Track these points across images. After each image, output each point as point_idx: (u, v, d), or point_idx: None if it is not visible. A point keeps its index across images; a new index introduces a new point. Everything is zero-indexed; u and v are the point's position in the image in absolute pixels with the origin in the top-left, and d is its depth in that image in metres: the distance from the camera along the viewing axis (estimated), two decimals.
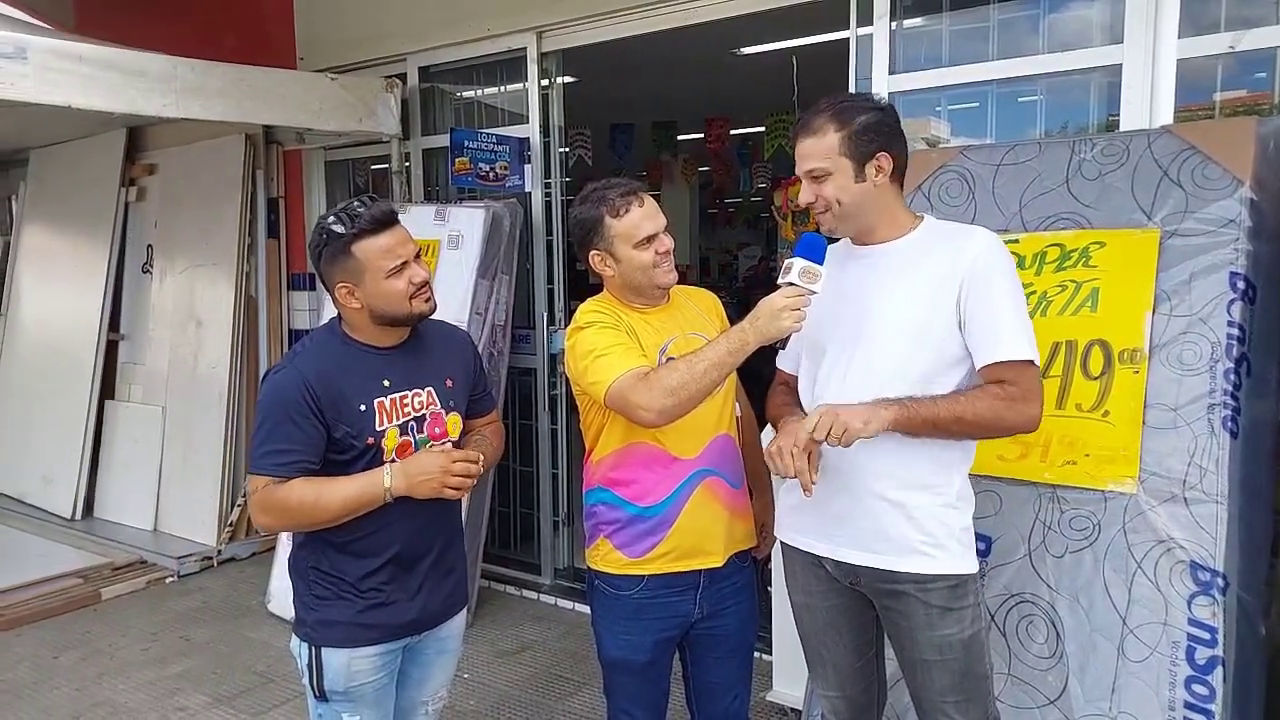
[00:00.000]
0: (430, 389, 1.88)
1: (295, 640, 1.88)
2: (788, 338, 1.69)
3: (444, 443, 1.88)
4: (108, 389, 5.31)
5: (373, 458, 1.79)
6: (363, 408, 1.78)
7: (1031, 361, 1.64)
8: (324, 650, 1.82)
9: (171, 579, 4.42)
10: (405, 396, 1.84)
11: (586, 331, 1.86)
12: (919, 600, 1.72)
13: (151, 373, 5.15)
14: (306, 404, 1.73)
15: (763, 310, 1.67)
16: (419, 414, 1.85)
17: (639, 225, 1.86)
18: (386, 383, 1.82)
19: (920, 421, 1.62)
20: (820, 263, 1.66)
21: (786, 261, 1.69)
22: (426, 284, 1.82)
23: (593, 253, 1.92)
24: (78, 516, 5.12)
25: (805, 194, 1.73)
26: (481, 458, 1.85)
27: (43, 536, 4.95)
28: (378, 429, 1.79)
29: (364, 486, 1.75)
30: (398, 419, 1.82)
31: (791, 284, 1.65)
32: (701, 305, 2.06)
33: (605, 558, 1.95)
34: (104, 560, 4.51)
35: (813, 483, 1.65)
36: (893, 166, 1.69)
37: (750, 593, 2.06)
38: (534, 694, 3.25)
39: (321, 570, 1.83)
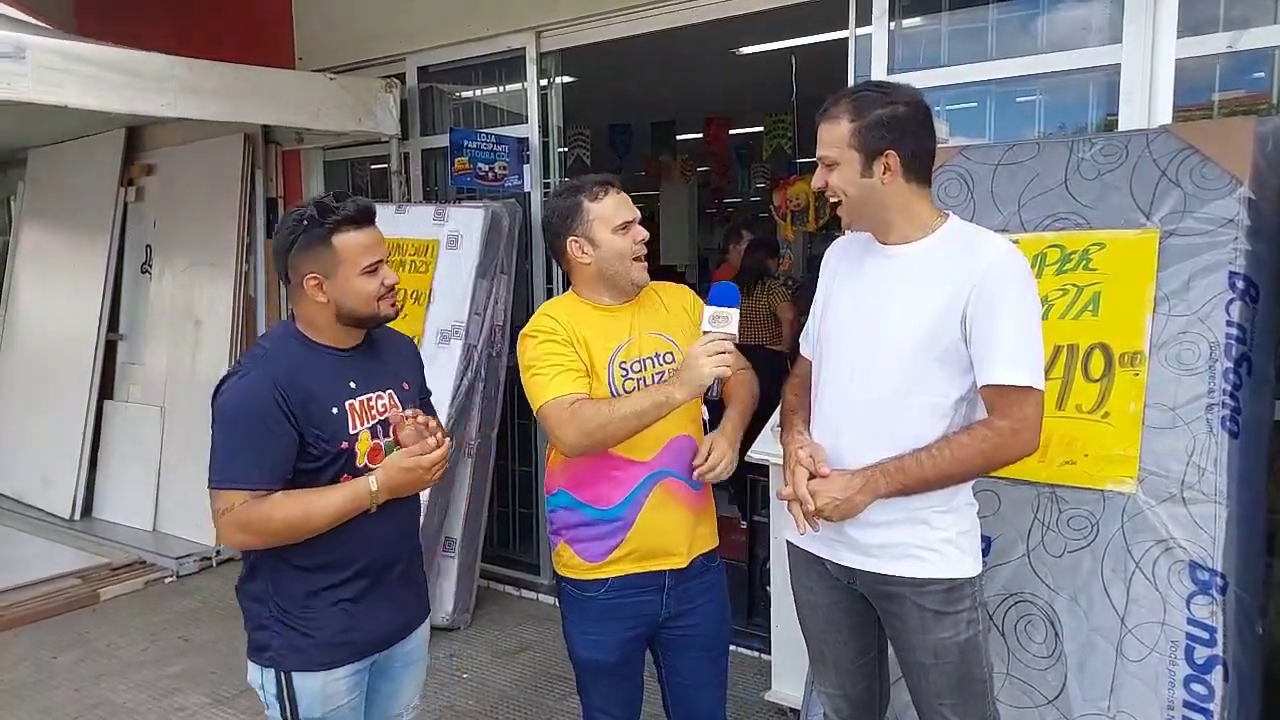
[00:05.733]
0: (391, 391, 1.82)
1: (255, 670, 1.76)
2: (719, 383, 1.74)
3: (407, 415, 1.80)
4: (106, 389, 5.31)
5: (345, 462, 1.72)
6: (335, 410, 1.71)
7: (1030, 388, 1.58)
8: (295, 675, 1.72)
9: (170, 579, 4.42)
10: (371, 399, 1.78)
11: (531, 342, 1.88)
12: (913, 603, 1.70)
13: (150, 373, 5.14)
14: (280, 409, 1.64)
15: (685, 364, 1.74)
16: (383, 417, 1.79)
17: (617, 210, 1.89)
18: (353, 385, 1.76)
19: (909, 488, 1.63)
20: (735, 305, 1.73)
21: (703, 312, 1.77)
22: (394, 288, 1.78)
23: (570, 239, 1.90)
24: (76, 516, 5.12)
25: (817, 179, 1.71)
26: (448, 439, 1.81)
27: (41, 537, 4.94)
28: (351, 432, 1.72)
29: (350, 496, 1.69)
30: (368, 421, 1.76)
31: (706, 331, 1.72)
32: (672, 302, 2.03)
33: (567, 563, 1.96)
34: (102, 560, 4.50)
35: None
36: (902, 165, 1.63)
37: (720, 592, 2.04)
38: (533, 693, 3.25)
39: (287, 592, 1.73)
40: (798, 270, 7.44)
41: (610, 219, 1.88)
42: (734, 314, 1.72)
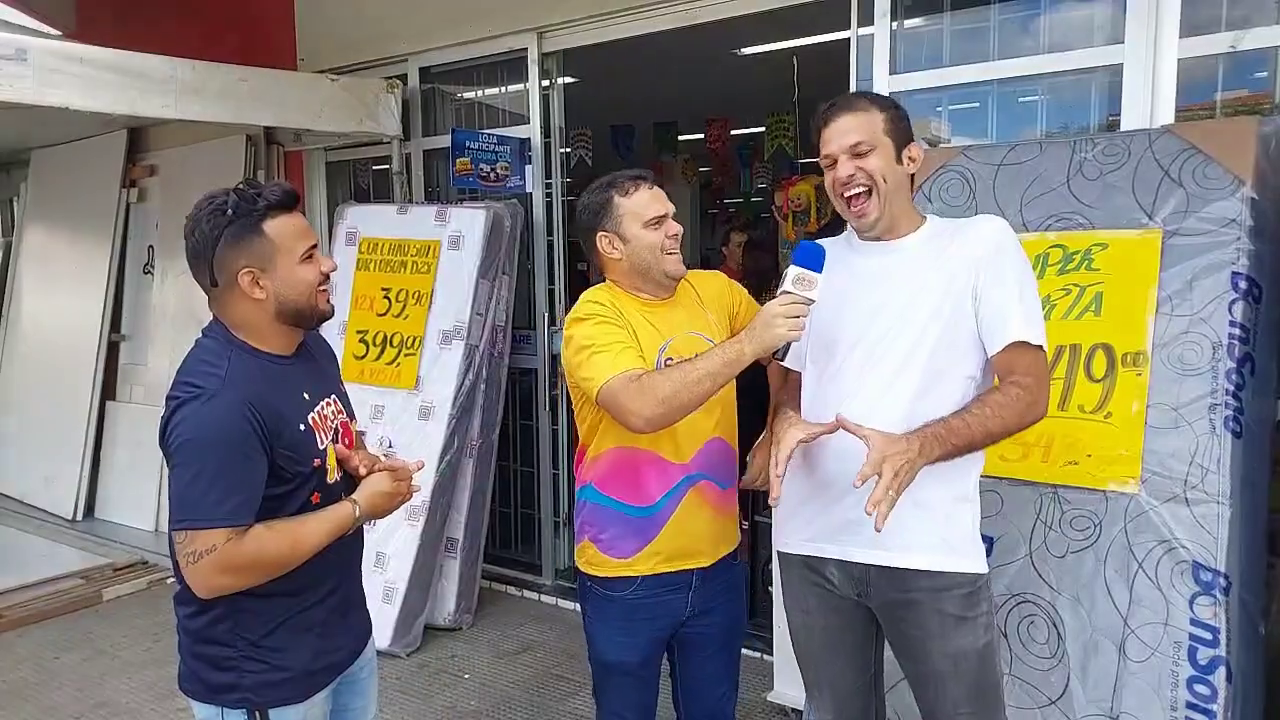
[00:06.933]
0: (334, 395, 1.71)
1: (213, 710, 1.61)
2: (788, 346, 1.66)
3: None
4: (109, 390, 5.33)
5: (318, 482, 1.60)
6: (302, 428, 1.58)
7: (1042, 347, 1.62)
8: (273, 712, 1.60)
9: (173, 579, 4.41)
10: (322, 408, 1.66)
11: (585, 324, 1.82)
12: (932, 609, 1.65)
13: (153, 373, 5.15)
14: (256, 434, 1.48)
15: (758, 320, 1.66)
16: (334, 425, 1.67)
17: (648, 204, 1.86)
18: (306, 395, 1.62)
19: (958, 449, 1.57)
20: (819, 270, 1.62)
21: (785, 270, 1.67)
22: (329, 278, 1.64)
23: (600, 235, 1.88)
24: (79, 517, 5.13)
25: (845, 168, 1.65)
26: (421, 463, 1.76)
27: (44, 537, 4.96)
28: (320, 448, 1.60)
29: (334, 523, 1.58)
30: (329, 433, 1.64)
31: (786, 292, 1.62)
32: (708, 292, 2.00)
33: (591, 560, 1.95)
34: (105, 561, 4.51)
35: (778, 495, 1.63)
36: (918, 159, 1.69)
37: (739, 593, 2.06)
38: (535, 694, 3.25)
39: (255, 626, 1.59)
40: None
41: (641, 214, 1.86)
42: (818, 279, 1.61)
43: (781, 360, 1.72)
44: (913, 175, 1.72)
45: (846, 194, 1.67)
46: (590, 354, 1.77)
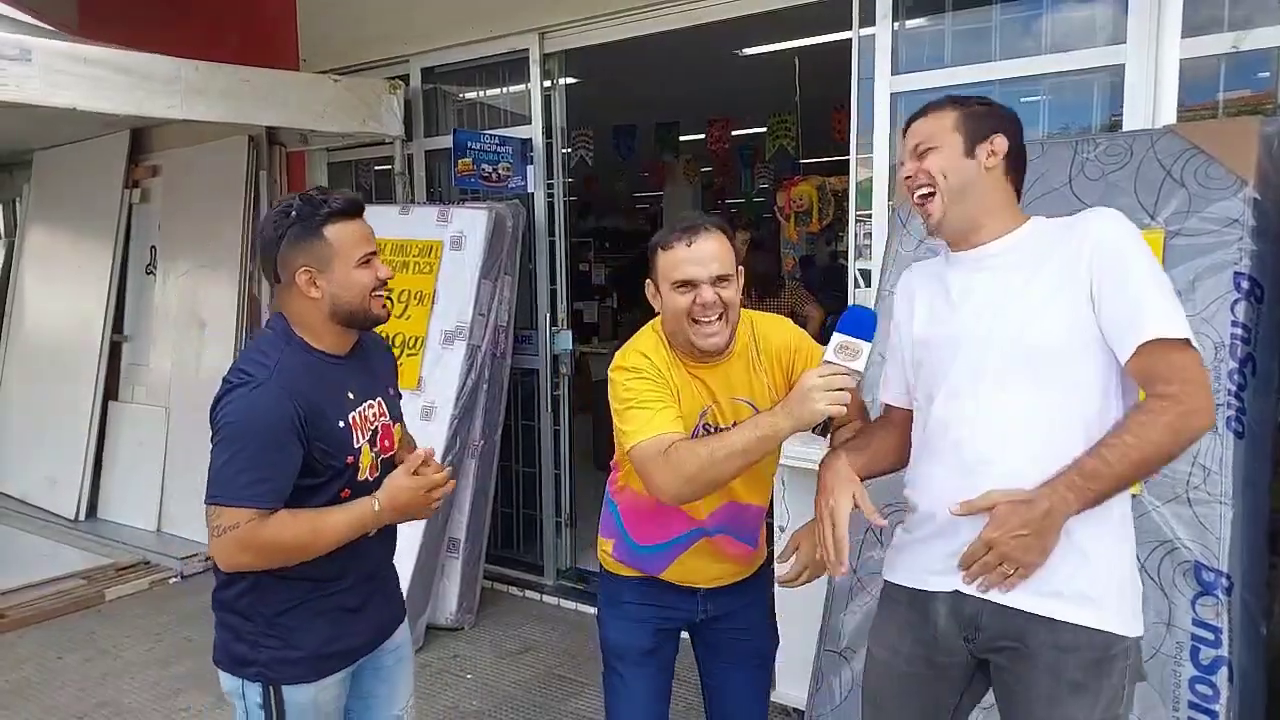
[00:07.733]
0: (380, 399, 1.77)
1: (235, 682, 1.70)
2: (828, 421, 1.53)
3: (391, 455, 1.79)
4: (111, 390, 5.33)
5: (349, 478, 1.67)
6: (341, 424, 1.66)
7: (1187, 341, 1.35)
8: (285, 689, 1.67)
9: (175, 579, 4.43)
10: (365, 409, 1.72)
11: (629, 375, 1.74)
12: (1046, 667, 1.40)
13: (155, 374, 5.16)
14: (295, 424, 1.57)
15: (795, 391, 1.53)
16: (374, 426, 1.74)
17: (678, 265, 1.69)
18: (351, 395, 1.70)
19: (1104, 494, 1.37)
20: (868, 338, 1.48)
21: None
22: (386, 285, 1.71)
23: (648, 280, 1.79)
24: (81, 517, 5.13)
25: (907, 169, 1.55)
26: (451, 469, 1.78)
27: (46, 537, 4.96)
28: (355, 447, 1.68)
29: (356, 517, 1.64)
30: (366, 434, 1.71)
31: (828, 362, 1.49)
32: (770, 344, 1.82)
33: (606, 558, 2.00)
34: (107, 561, 4.51)
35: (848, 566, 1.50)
36: (1007, 151, 1.50)
37: (762, 604, 2.00)
38: (537, 694, 3.25)
39: (274, 604, 1.66)
40: (797, 270, 7.45)
41: (669, 274, 1.70)
42: (865, 348, 1.47)
43: (824, 435, 1.58)
44: (1013, 174, 1.54)
45: (914, 195, 1.55)
46: (628, 408, 1.71)
